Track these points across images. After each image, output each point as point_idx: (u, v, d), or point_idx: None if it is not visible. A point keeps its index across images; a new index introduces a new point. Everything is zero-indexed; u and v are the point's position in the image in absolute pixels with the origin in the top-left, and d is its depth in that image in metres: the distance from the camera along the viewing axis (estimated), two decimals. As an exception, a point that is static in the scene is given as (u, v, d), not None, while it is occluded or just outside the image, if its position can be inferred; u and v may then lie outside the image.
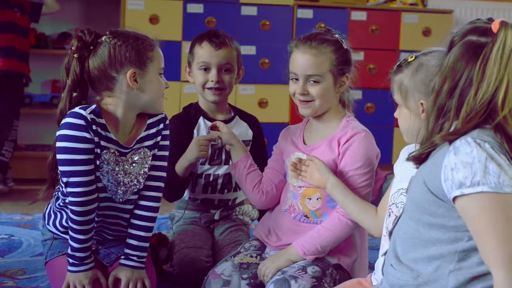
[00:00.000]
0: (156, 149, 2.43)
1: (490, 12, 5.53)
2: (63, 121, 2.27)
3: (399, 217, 1.79)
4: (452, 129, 1.62)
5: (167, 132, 2.47)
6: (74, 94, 2.36)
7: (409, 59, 2.05)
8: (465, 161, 1.55)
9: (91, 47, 2.34)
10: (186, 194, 2.96)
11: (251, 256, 2.50)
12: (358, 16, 4.79)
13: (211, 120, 2.89)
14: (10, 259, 2.96)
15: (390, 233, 1.81)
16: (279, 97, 4.64)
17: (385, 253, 1.87)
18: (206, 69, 2.90)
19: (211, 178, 2.92)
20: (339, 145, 2.43)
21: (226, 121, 2.93)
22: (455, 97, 1.61)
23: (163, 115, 2.46)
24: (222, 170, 2.92)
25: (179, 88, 4.42)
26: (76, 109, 2.28)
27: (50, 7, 4.29)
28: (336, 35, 2.46)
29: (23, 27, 4.32)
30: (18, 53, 4.26)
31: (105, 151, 2.31)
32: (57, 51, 4.68)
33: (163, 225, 3.53)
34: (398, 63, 2.11)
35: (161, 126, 2.44)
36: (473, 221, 1.56)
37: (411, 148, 2.17)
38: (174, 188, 2.82)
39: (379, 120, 4.72)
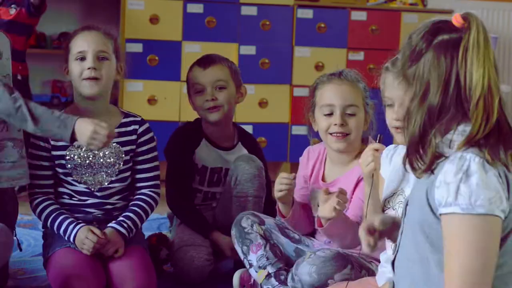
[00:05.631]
0: (132, 147, 2.62)
1: (490, 12, 5.53)
2: None
3: (397, 249, 1.73)
4: (463, 129, 1.58)
5: (146, 137, 2.66)
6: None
7: None
8: (445, 180, 1.53)
9: None
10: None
11: None
12: (358, 16, 4.78)
13: (214, 144, 2.93)
14: (10, 259, 2.95)
15: (393, 264, 1.75)
16: (279, 97, 4.63)
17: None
18: (201, 91, 2.90)
19: (209, 195, 3.00)
20: (357, 180, 2.48)
21: (229, 148, 2.97)
22: (452, 93, 1.58)
23: (139, 119, 2.67)
24: (220, 189, 2.99)
25: (179, 88, 4.41)
26: None
27: None
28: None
29: (20, 23, 4.24)
30: (16, 54, 4.22)
31: (70, 148, 2.56)
32: (57, 51, 4.67)
33: (163, 225, 3.53)
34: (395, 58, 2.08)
35: (138, 127, 2.64)
36: (446, 240, 1.53)
37: (391, 149, 2.18)
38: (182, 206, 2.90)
39: (379, 119, 4.71)
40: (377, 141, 2.21)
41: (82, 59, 2.56)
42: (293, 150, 4.59)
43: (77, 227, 2.51)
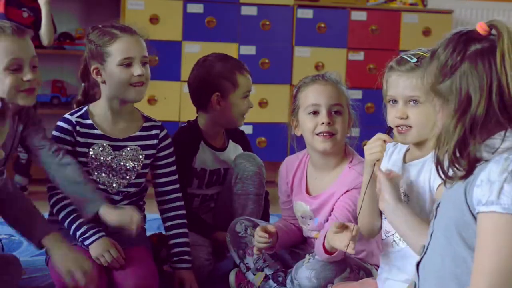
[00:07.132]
0: (153, 151, 2.62)
1: (490, 12, 5.53)
2: (57, 123, 2.58)
3: (425, 251, 1.71)
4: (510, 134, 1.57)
5: (166, 142, 2.66)
6: (82, 84, 2.69)
7: None
8: (488, 178, 1.52)
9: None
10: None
11: None
12: (358, 16, 4.79)
13: (210, 145, 2.94)
14: (10, 259, 2.96)
15: (417, 265, 1.73)
16: (279, 97, 4.64)
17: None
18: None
19: (207, 197, 3.00)
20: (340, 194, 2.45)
21: (222, 149, 2.98)
22: (495, 100, 1.57)
23: (159, 124, 2.66)
24: (218, 189, 3.00)
25: (179, 88, 4.42)
26: (66, 115, 2.58)
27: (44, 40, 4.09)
28: None
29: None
30: None
31: (93, 146, 2.55)
32: (57, 51, 4.67)
33: (163, 225, 3.53)
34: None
35: (159, 132, 2.63)
36: (479, 237, 1.52)
37: (390, 147, 2.18)
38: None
39: (379, 120, 4.71)
40: (386, 133, 2.16)
41: (129, 65, 2.50)
42: (293, 151, 4.59)
43: (97, 235, 2.47)
